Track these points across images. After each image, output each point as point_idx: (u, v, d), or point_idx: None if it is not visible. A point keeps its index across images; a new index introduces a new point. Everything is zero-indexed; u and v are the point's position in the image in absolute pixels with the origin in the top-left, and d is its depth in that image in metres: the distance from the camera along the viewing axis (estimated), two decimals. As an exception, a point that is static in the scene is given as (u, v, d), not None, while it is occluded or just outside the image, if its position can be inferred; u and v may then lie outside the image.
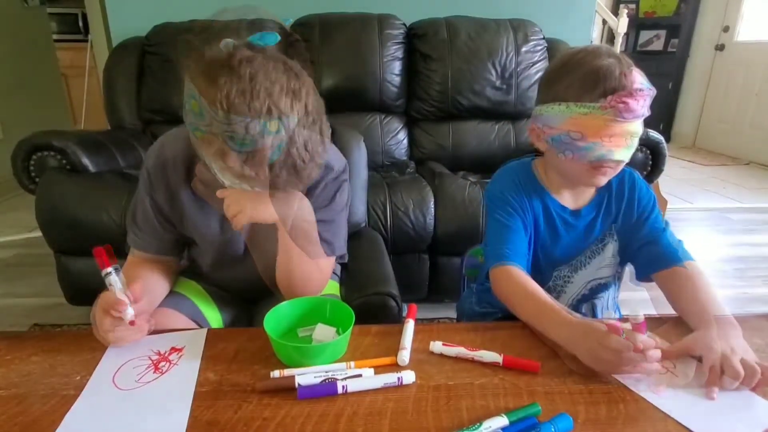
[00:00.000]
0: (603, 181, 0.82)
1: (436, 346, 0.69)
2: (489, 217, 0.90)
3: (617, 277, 0.95)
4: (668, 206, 2.25)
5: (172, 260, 0.92)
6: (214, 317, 0.93)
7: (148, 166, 0.85)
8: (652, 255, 0.85)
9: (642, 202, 0.89)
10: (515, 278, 0.80)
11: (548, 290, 0.92)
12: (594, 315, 0.94)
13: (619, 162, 0.79)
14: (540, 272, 0.91)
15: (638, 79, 0.75)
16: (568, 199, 0.90)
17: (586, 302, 0.94)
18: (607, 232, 0.90)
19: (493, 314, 0.98)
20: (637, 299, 1.98)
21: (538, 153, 0.90)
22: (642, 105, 0.74)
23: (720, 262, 2.31)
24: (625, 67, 0.75)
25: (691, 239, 2.61)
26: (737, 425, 0.56)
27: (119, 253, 1.59)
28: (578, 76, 0.76)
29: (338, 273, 1.09)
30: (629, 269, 0.93)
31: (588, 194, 0.90)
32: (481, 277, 1.03)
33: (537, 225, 0.89)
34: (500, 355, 0.66)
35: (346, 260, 1.02)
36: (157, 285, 0.86)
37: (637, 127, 0.76)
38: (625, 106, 0.72)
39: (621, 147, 0.76)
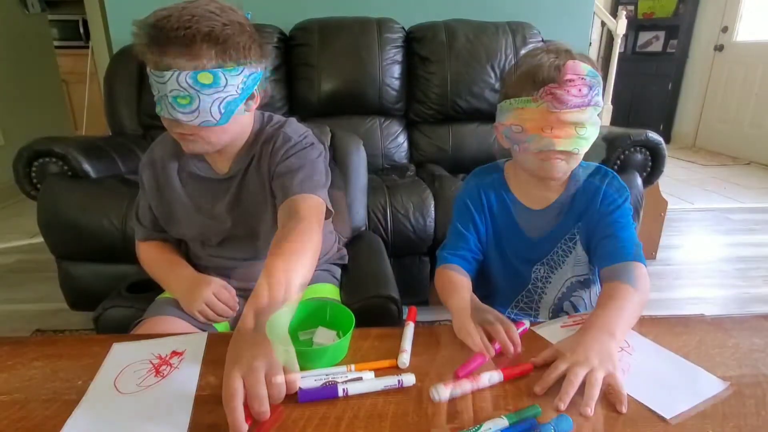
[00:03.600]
0: (556, 172, 0.82)
1: (440, 391, 0.60)
2: (451, 222, 0.96)
3: (596, 273, 0.94)
4: (668, 207, 2.24)
5: (173, 243, 1.01)
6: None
7: (140, 168, 0.96)
8: (605, 250, 0.83)
9: (608, 198, 0.86)
10: (445, 274, 0.88)
11: (528, 293, 0.93)
12: (576, 312, 0.94)
13: (566, 153, 0.78)
14: (516, 273, 0.93)
15: (574, 69, 0.75)
16: (536, 195, 0.90)
17: (566, 300, 0.94)
18: (575, 229, 0.89)
19: None
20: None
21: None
22: (575, 95, 0.75)
23: (721, 262, 2.31)
24: (562, 60, 0.76)
25: (692, 239, 2.61)
26: (681, 396, 0.60)
27: (120, 257, 1.58)
28: (518, 74, 0.81)
29: (338, 277, 1.09)
30: None
31: (555, 191, 0.89)
32: None
33: (497, 223, 0.91)
34: (500, 372, 0.64)
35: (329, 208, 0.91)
36: (174, 253, 0.99)
37: (579, 117, 0.76)
38: (553, 97, 0.75)
39: (563, 137, 0.76)
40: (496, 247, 0.93)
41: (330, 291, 0.99)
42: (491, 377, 0.63)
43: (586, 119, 0.77)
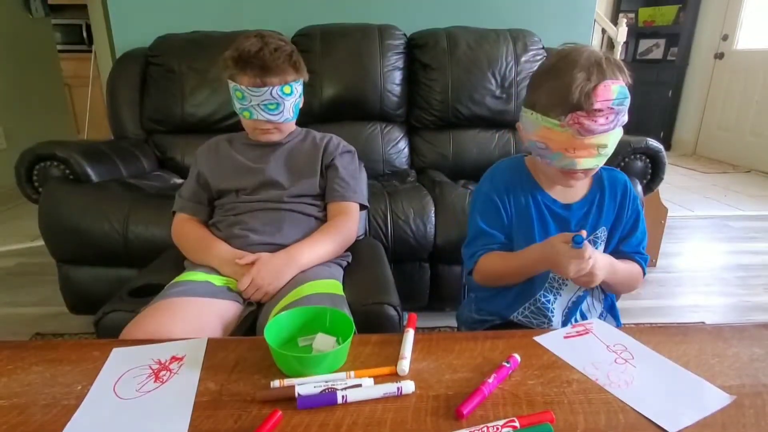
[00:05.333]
0: (576, 183, 0.89)
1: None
2: (471, 215, 0.96)
3: None
4: (668, 214, 2.24)
5: (201, 219, 1.19)
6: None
7: (197, 153, 1.22)
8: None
9: (629, 211, 0.94)
10: (487, 261, 0.91)
11: (546, 292, 0.94)
12: (586, 315, 0.94)
13: (587, 170, 0.83)
14: None
15: (604, 96, 0.75)
16: (559, 193, 0.93)
17: (583, 302, 0.94)
18: (599, 230, 0.92)
19: (491, 321, 0.98)
20: (639, 307, 1.97)
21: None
22: (602, 123, 0.76)
23: (721, 269, 2.31)
24: (593, 83, 0.75)
25: (692, 247, 2.61)
26: (685, 410, 0.60)
27: (121, 261, 1.58)
28: (547, 89, 0.80)
29: (340, 277, 1.10)
30: None
31: (580, 190, 0.93)
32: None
33: (529, 219, 0.92)
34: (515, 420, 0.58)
35: (366, 204, 1.25)
36: (203, 228, 1.16)
37: (603, 140, 0.78)
38: (580, 127, 0.76)
39: (586, 157, 0.80)
40: (520, 244, 0.92)
41: (333, 287, 1.01)
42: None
43: (609, 141, 0.79)
